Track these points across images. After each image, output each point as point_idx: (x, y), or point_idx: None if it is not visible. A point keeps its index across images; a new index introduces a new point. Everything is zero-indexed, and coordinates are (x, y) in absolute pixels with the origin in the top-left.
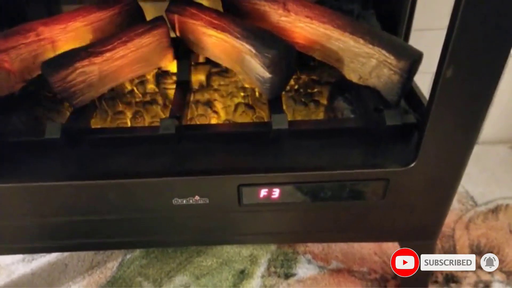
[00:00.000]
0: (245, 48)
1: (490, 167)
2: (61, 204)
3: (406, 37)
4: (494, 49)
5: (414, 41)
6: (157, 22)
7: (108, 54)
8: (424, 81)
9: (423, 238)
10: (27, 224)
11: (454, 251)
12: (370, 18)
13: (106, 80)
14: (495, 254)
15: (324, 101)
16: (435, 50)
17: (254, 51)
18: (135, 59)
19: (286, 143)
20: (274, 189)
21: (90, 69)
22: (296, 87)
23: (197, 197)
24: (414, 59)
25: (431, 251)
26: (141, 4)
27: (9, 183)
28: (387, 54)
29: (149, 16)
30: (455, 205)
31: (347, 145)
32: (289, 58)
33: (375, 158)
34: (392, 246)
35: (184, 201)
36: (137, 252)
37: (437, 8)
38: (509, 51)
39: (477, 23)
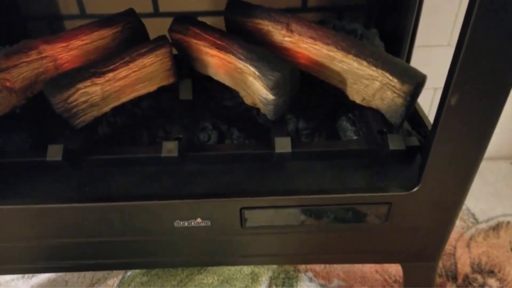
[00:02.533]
0: (249, 69)
1: (491, 183)
2: (62, 226)
3: (409, 54)
4: (500, 76)
5: (416, 57)
6: (160, 42)
7: (110, 75)
8: (425, 96)
9: (425, 260)
10: (28, 245)
11: (455, 270)
12: (373, 38)
13: (108, 100)
14: (496, 273)
15: (326, 121)
16: (436, 67)
17: (257, 73)
18: (138, 79)
19: (289, 165)
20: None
21: (93, 90)
22: (298, 105)
23: (199, 220)
24: (417, 82)
25: (432, 271)
26: (144, 21)
27: (11, 205)
28: (390, 77)
29: (151, 33)
30: (456, 222)
31: (350, 168)
32: (293, 80)
33: (378, 182)
34: (394, 265)
35: (186, 224)
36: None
37: (438, 25)
38: None
39: (484, 52)
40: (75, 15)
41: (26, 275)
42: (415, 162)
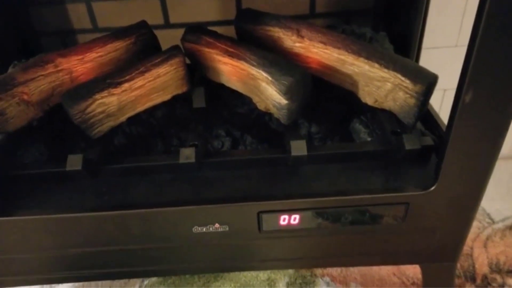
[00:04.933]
0: (262, 75)
1: (505, 183)
2: (82, 235)
3: (417, 56)
4: None
5: (424, 59)
6: (173, 51)
7: (126, 85)
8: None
9: (443, 260)
10: (48, 255)
11: (473, 270)
12: (382, 41)
13: (125, 110)
14: None
15: (338, 125)
16: (444, 68)
17: (270, 78)
18: (153, 89)
19: (305, 168)
20: (294, 215)
21: (109, 100)
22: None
23: (217, 225)
24: (429, 82)
25: (451, 272)
26: (155, 32)
27: (31, 215)
28: (402, 78)
29: (163, 44)
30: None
31: (366, 169)
32: (305, 85)
33: (394, 182)
34: (411, 267)
35: (204, 229)
36: (155, 277)
37: (445, 27)
38: None
39: (497, 47)
40: (88, 29)
41: (45, 286)
42: (430, 162)
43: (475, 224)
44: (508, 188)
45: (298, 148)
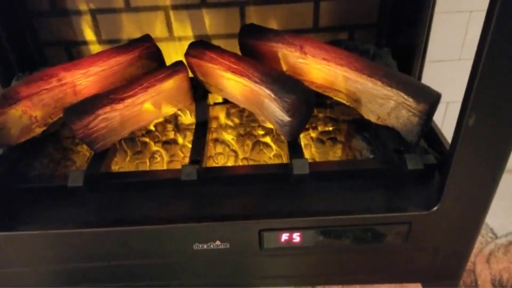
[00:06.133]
0: (265, 92)
1: (508, 197)
2: (83, 250)
3: (421, 69)
4: None
5: (427, 72)
6: (177, 67)
7: (129, 100)
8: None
9: (446, 279)
10: (49, 270)
11: (476, 286)
12: (386, 56)
13: (127, 125)
14: None
15: (341, 139)
16: (448, 81)
17: (273, 95)
18: (156, 104)
19: (307, 186)
20: (295, 234)
21: (112, 115)
22: (313, 125)
23: (218, 242)
24: (432, 101)
25: None
26: (159, 44)
27: (33, 230)
28: (405, 97)
29: (167, 56)
30: None
31: (368, 188)
32: (308, 102)
33: (396, 202)
34: (414, 284)
35: (205, 246)
36: None
37: (449, 40)
38: None
39: (501, 69)
40: (92, 41)
41: None
42: (433, 180)
43: (478, 239)
44: (511, 202)
45: (300, 166)
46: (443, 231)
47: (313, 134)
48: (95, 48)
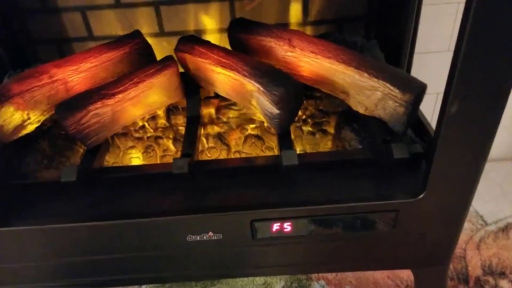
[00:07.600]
0: (254, 86)
1: (498, 185)
2: (78, 244)
3: (410, 61)
4: (498, 82)
5: (417, 64)
6: (167, 62)
7: (120, 96)
8: (427, 101)
9: (435, 265)
10: (44, 264)
11: (466, 272)
12: (373, 49)
13: (119, 120)
14: (508, 274)
15: (331, 131)
16: (437, 72)
17: (262, 89)
18: (147, 99)
19: (297, 176)
20: (286, 223)
21: (103, 111)
22: (303, 117)
23: (211, 233)
24: (418, 91)
25: (443, 275)
26: (149, 40)
27: (28, 226)
28: (391, 88)
29: (157, 51)
30: (465, 225)
31: (356, 177)
32: (297, 94)
33: (384, 190)
34: (405, 270)
35: (198, 238)
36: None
37: (438, 32)
38: None
39: (482, 56)
40: (83, 37)
41: None
42: (420, 169)
43: (468, 226)
44: (501, 190)
45: (289, 158)
46: (430, 218)
47: (304, 127)
48: (86, 44)
